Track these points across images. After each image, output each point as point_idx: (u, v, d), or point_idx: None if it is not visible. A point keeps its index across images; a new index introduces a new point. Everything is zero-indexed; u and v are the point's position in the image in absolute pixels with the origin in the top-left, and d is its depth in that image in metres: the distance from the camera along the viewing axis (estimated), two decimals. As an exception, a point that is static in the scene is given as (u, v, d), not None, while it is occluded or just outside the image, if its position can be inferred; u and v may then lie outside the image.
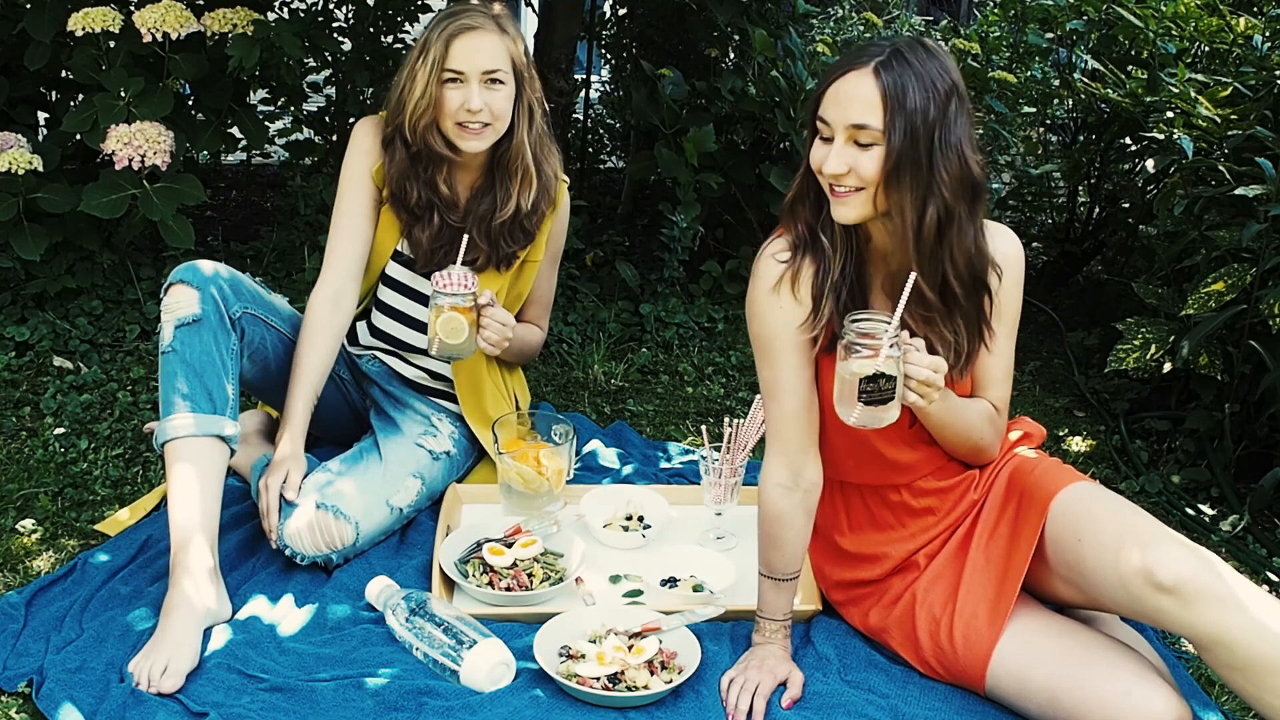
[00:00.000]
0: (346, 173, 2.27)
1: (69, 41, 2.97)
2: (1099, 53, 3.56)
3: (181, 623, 1.83)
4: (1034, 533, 1.76)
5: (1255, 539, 2.47)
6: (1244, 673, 1.56)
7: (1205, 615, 1.55)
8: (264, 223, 4.00)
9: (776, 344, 1.81)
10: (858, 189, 1.67)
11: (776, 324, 1.80)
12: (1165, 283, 2.99)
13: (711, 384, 3.16)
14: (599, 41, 4.53)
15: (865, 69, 1.64)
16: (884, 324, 1.63)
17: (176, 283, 2.04)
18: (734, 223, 3.86)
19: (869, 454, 1.88)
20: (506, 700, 1.75)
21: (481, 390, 2.38)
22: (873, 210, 1.70)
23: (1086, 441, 2.96)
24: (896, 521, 1.93)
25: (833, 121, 1.66)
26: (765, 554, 1.86)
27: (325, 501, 2.07)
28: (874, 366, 1.61)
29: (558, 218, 2.36)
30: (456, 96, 2.12)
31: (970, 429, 1.84)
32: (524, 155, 2.22)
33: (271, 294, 2.21)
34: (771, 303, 1.80)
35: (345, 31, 3.80)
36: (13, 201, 2.90)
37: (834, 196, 1.70)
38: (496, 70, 2.13)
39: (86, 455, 2.51)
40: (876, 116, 1.63)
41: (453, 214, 2.25)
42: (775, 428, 1.85)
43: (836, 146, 1.66)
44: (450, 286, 2.09)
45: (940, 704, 1.80)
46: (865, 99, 1.63)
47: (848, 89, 1.65)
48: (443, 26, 2.12)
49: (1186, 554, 1.59)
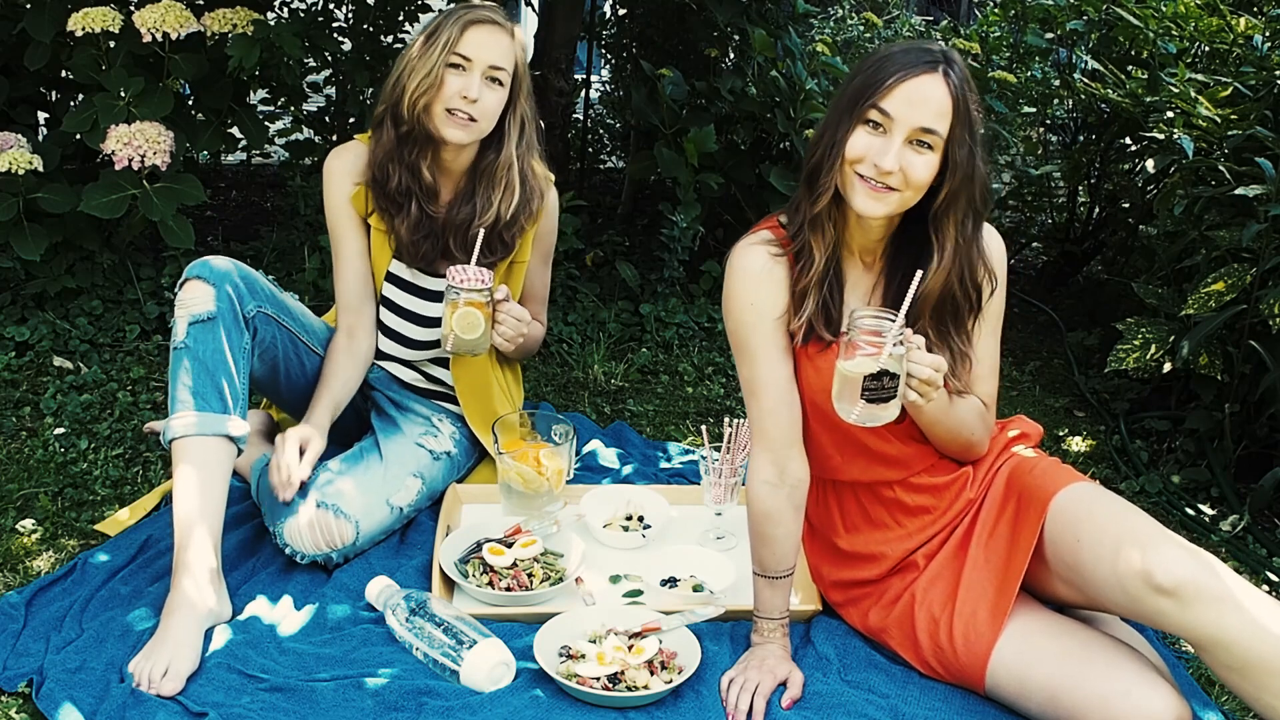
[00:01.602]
0: (329, 210, 2.29)
1: (69, 41, 2.97)
2: (1099, 53, 3.56)
3: (183, 624, 1.83)
4: (1033, 532, 1.76)
5: (1255, 539, 2.47)
6: (1243, 673, 1.56)
7: (1204, 616, 1.55)
8: (264, 223, 4.00)
9: (754, 339, 1.82)
10: (897, 190, 1.68)
11: (753, 319, 1.81)
12: (1165, 283, 2.99)
13: (711, 384, 3.16)
14: (599, 41, 4.53)
15: (936, 74, 1.65)
16: (889, 321, 1.63)
17: (192, 278, 2.03)
18: (734, 223, 3.86)
19: (855, 449, 1.88)
20: (506, 700, 1.75)
21: (488, 391, 2.38)
22: (898, 209, 1.71)
23: (1086, 441, 2.96)
24: (892, 520, 1.93)
25: (898, 118, 1.66)
26: (757, 552, 1.87)
27: (325, 500, 2.07)
28: (878, 364, 1.61)
29: (545, 217, 2.36)
30: (456, 82, 2.13)
31: (961, 426, 1.85)
32: (511, 167, 2.23)
33: (283, 292, 2.21)
34: (749, 298, 1.80)
35: (345, 31, 3.80)
36: (13, 201, 2.90)
37: (869, 189, 1.69)
38: (501, 70, 2.14)
39: (86, 455, 2.51)
40: (945, 124, 1.65)
41: (432, 204, 2.25)
42: (758, 425, 1.85)
43: (895, 144, 1.66)
44: (467, 281, 2.09)
45: (940, 704, 1.80)
46: (938, 105, 1.65)
47: (922, 91, 1.65)
48: (459, 15, 2.14)
49: (1185, 555, 1.59)
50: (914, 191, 1.69)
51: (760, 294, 1.80)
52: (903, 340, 1.63)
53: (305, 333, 2.23)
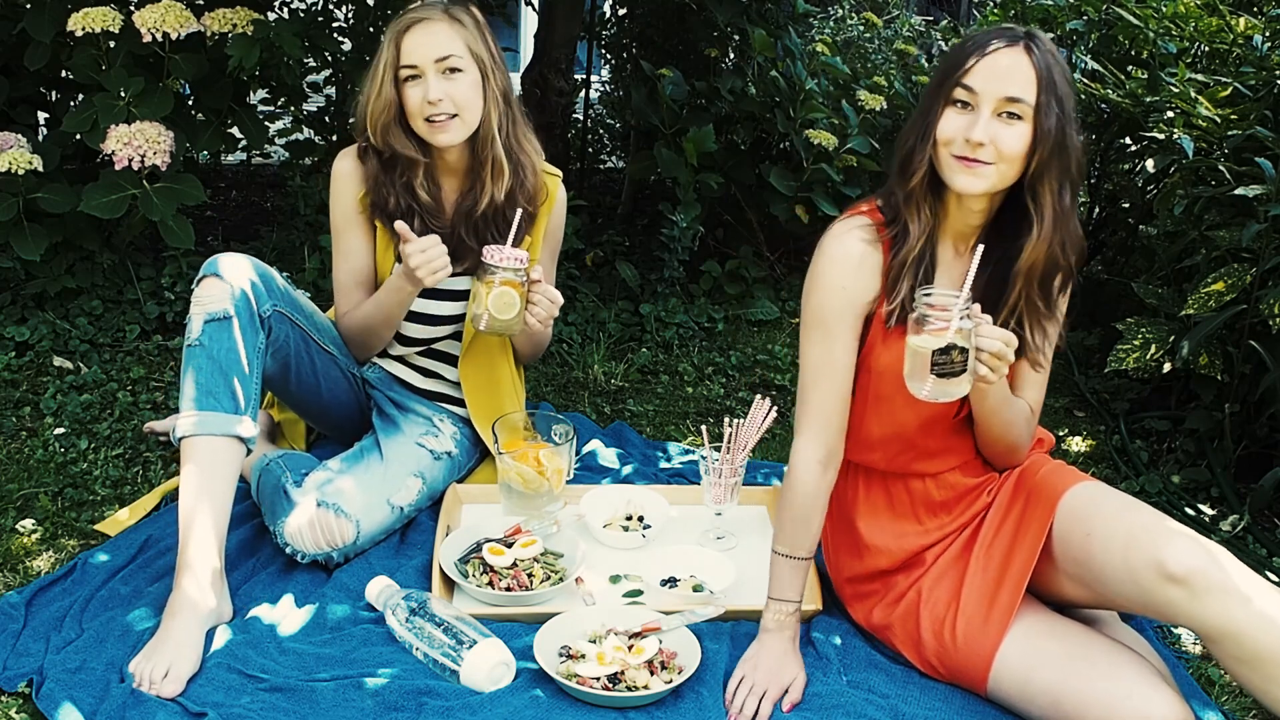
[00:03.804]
0: (335, 210, 2.28)
1: (69, 41, 2.97)
2: (1099, 53, 3.56)
3: (184, 625, 1.83)
4: (1040, 531, 1.77)
5: (1255, 539, 2.47)
6: (1252, 665, 1.56)
7: (1214, 606, 1.56)
8: (264, 223, 4.00)
9: (836, 323, 1.82)
10: (990, 163, 1.69)
11: (840, 304, 1.81)
12: (1165, 283, 2.99)
13: (711, 384, 3.16)
14: (599, 41, 4.53)
15: (1017, 47, 1.69)
16: (954, 296, 1.65)
17: (209, 276, 2.02)
18: (734, 223, 3.86)
19: (902, 443, 1.89)
20: (506, 700, 1.75)
21: (496, 389, 2.38)
22: (996, 186, 1.72)
23: (1086, 441, 2.96)
24: (912, 513, 1.93)
25: (983, 91, 1.68)
26: (792, 534, 1.84)
27: (326, 499, 2.07)
28: (946, 339, 1.63)
29: (553, 211, 2.35)
30: (417, 93, 2.11)
31: (1012, 424, 1.86)
32: (493, 144, 2.19)
33: (295, 290, 2.20)
34: (841, 281, 1.81)
35: (345, 31, 3.80)
36: (13, 201, 2.90)
37: (965, 166, 1.70)
38: (449, 56, 2.10)
39: (86, 455, 2.51)
40: (1031, 92, 1.67)
41: (435, 220, 2.24)
42: (817, 406, 1.84)
43: (983, 116, 1.68)
44: (505, 261, 2.06)
45: (940, 704, 1.80)
46: (1023, 74, 1.67)
47: (1005, 63, 1.68)
48: (394, 27, 2.12)
49: (1197, 546, 1.60)
50: (1008, 164, 1.70)
51: (853, 279, 1.81)
52: (969, 314, 1.65)
53: (316, 331, 2.22)
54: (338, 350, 2.29)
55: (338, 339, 2.30)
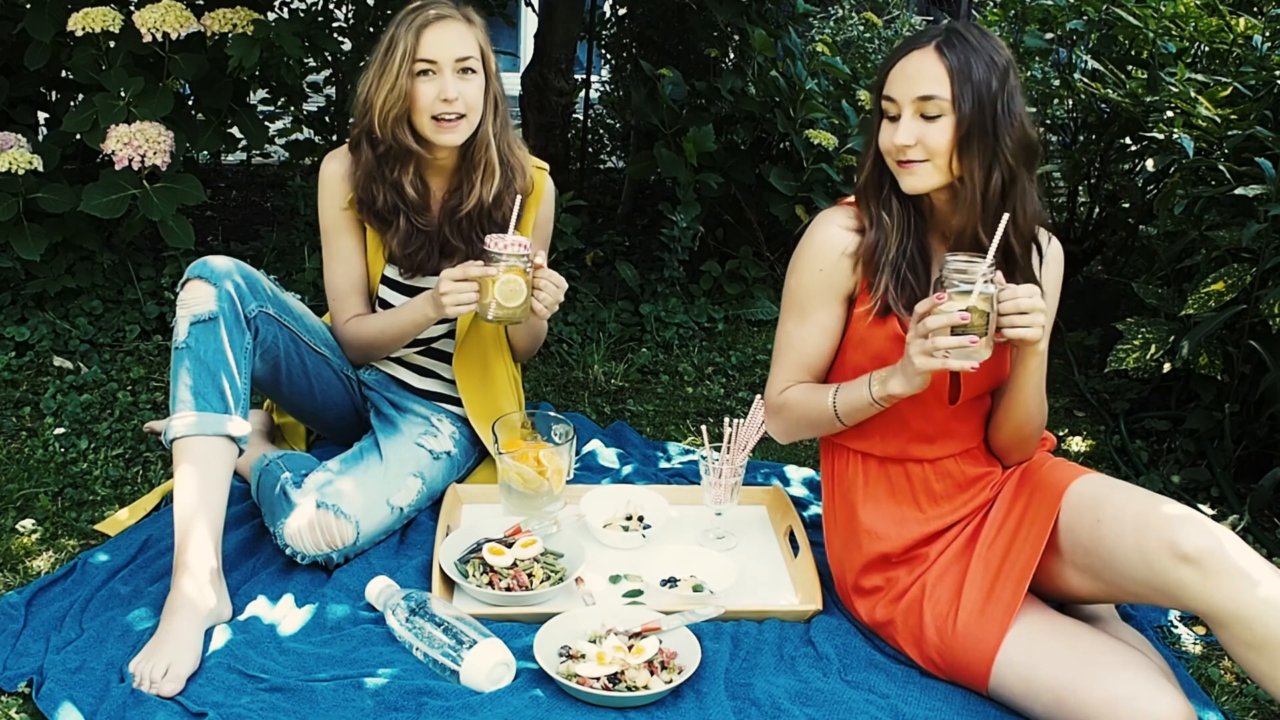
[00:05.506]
0: (324, 213, 2.29)
1: (69, 41, 2.97)
2: (1099, 53, 3.56)
3: (183, 624, 1.83)
4: (1045, 528, 1.77)
5: (1255, 539, 2.47)
6: (1261, 650, 1.57)
7: (1225, 588, 1.57)
8: (264, 223, 4.00)
9: (812, 304, 1.91)
10: (923, 160, 1.77)
11: (819, 285, 1.90)
12: (1165, 283, 2.99)
13: (711, 384, 3.16)
14: (599, 41, 4.53)
15: (927, 48, 1.76)
16: (978, 262, 1.69)
17: (193, 278, 2.03)
18: (734, 223, 3.86)
19: (897, 423, 1.91)
20: (506, 700, 1.75)
21: (491, 387, 2.38)
22: (940, 180, 1.79)
23: (1086, 441, 2.96)
24: (912, 498, 1.93)
25: (899, 97, 1.77)
26: (817, 410, 1.91)
27: (325, 500, 2.07)
28: (968, 302, 1.67)
29: (542, 203, 2.35)
30: (430, 89, 2.11)
31: (1032, 414, 1.89)
32: (488, 147, 2.21)
33: (284, 292, 2.20)
34: (819, 264, 1.89)
35: (345, 31, 3.80)
36: (13, 201, 2.90)
37: (903, 169, 1.79)
38: (469, 58, 2.12)
39: (86, 455, 2.51)
40: (944, 87, 1.74)
41: (421, 217, 2.24)
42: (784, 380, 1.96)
43: (904, 120, 1.76)
44: (509, 247, 2.04)
45: (941, 704, 1.80)
46: (931, 73, 1.74)
47: (913, 66, 1.76)
48: (410, 19, 2.11)
49: (1209, 527, 1.62)
50: (941, 158, 1.77)
51: (831, 263, 1.89)
52: (992, 279, 1.69)
53: (307, 333, 2.23)
54: (330, 352, 2.29)
55: (330, 341, 2.30)
